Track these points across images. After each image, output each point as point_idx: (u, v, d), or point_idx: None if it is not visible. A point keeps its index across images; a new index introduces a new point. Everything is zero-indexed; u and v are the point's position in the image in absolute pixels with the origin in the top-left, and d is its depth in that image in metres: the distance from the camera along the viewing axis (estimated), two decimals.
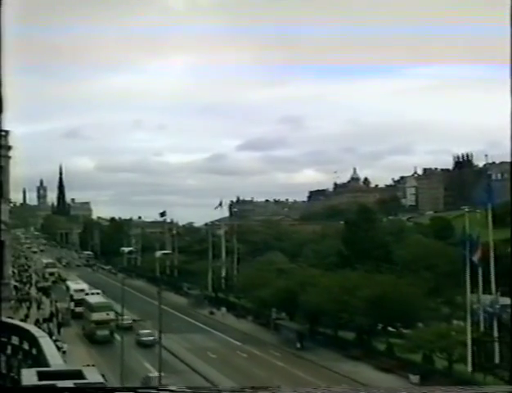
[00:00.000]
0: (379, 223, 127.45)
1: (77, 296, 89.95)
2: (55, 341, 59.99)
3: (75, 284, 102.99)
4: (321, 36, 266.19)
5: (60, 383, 7.69)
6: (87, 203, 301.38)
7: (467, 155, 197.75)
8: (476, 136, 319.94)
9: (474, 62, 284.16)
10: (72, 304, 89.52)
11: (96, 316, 74.78)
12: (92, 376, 8.80)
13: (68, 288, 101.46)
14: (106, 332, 73.27)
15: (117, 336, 70.26)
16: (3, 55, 3.68)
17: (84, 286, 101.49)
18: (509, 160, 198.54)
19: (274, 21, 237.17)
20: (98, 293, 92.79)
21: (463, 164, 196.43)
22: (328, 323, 73.91)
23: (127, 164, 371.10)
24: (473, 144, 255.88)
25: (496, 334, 54.01)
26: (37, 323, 67.99)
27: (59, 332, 74.48)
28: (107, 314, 75.38)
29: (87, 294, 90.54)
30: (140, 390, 4.11)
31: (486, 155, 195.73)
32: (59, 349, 52.17)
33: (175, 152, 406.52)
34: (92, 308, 76.94)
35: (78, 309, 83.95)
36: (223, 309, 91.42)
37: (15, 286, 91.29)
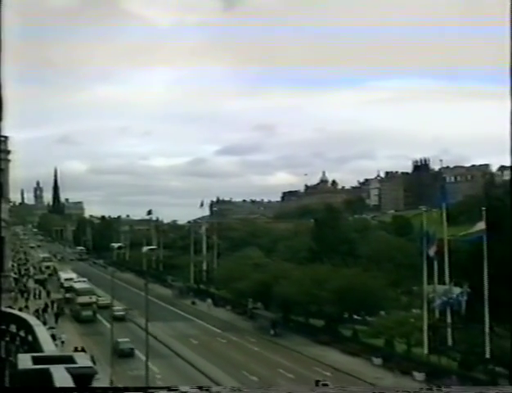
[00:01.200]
0: (345, 221, 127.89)
1: (66, 284, 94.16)
2: (50, 329, 60.03)
3: (65, 274, 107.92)
4: (294, 51, 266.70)
5: (53, 367, 7.70)
6: (80, 203, 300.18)
7: (424, 160, 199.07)
8: (430, 143, 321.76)
9: (430, 76, 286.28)
10: (63, 290, 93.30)
11: (80, 299, 79.95)
12: (82, 361, 8.81)
13: (59, 278, 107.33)
14: (90, 313, 78.19)
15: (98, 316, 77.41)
16: (3, 59, 3.59)
17: (73, 275, 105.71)
18: (461, 164, 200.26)
19: (251, 37, 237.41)
20: (84, 281, 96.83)
21: (421, 168, 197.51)
22: (299, 312, 74.04)
23: (115, 167, 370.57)
24: (428, 150, 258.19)
25: (449, 320, 54.35)
26: (36, 313, 68.37)
27: (56, 321, 74.02)
28: (90, 298, 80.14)
29: (74, 282, 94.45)
30: (150, 390, 4.11)
31: (440, 160, 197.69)
32: (57, 339, 52.01)
33: (159, 156, 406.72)
34: (78, 292, 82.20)
35: (68, 295, 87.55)
36: (209, 301, 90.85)
37: (15, 279, 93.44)
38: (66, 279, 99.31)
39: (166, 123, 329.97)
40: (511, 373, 29.07)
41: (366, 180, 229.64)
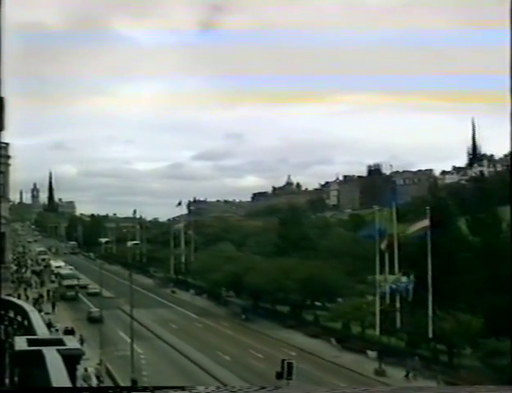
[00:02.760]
0: (308, 219, 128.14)
1: (56, 271, 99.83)
2: (46, 314, 59.66)
3: (55, 262, 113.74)
4: (264, 66, 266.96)
5: (45, 349, 7.68)
6: (72, 202, 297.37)
7: (377, 166, 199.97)
8: (381, 150, 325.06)
9: (382, 90, 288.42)
10: (53, 276, 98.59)
11: (66, 282, 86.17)
12: (71, 343, 8.79)
13: (50, 265, 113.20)
14: (73, 293, 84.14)
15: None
16: (3, 62, 3.46)
17: (61, 263, 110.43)
18: (408, 169, 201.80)
19: (224, 55, 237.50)
20: (71, 269, 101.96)
21: (374, 172, 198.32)
22: (267, 299, 74.12)
23: (103, 171, 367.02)
24: (380, 156, 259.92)
25: (398, 305, 54.72)
26: (37, 301, 69.04)
27: (53, 309, 72.85)
28: (73, 281, 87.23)
29: (62, 269, 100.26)
30: (158, 391, 4.03)
31: (391, 166, 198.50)
32: (52, 326, 51.55)
33: (142, 161, 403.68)
34: (63, 277, 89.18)
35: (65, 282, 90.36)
36: (192, 291, 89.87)
37: (17, 270, 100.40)
38: (56, 267, 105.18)
39: (148, 131, 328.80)
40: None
41: (327, 183, 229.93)
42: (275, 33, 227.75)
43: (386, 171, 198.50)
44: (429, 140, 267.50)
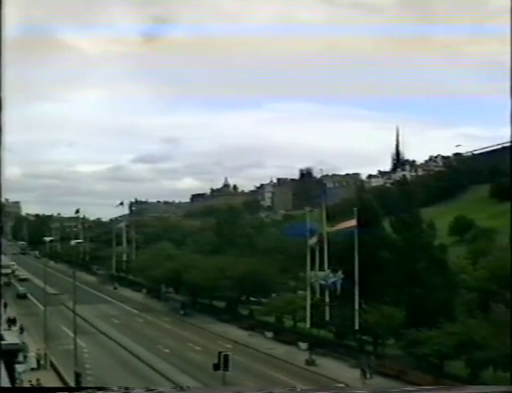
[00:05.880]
0: (244, 219, 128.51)
1: None
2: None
3: None
4: (201, 76, 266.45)
5: None
6: (18, 202, 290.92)
7: (308, 169, 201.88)
8: (310, 155, 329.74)
9: (311, 100, 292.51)
10: None
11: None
12: (11, 338, 8.89)
13: None
14: (6, 280, 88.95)
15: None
16: (3, 60, 3.39)
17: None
18: (337, 173, 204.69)
19: (166, 65, 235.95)
20: (14, 264, 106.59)
21: (305, 175, 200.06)
22: (205, 295, 74.23)
23: (47, 173, 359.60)
24: (308, 161, 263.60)
25: (327, 300, 55.51)
26: None
27: (5, 309, 71.03)
28: (6, 269, 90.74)
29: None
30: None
31: (321, 169, 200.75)
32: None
33: (85, 163, 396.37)
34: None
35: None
36: (147, 292, 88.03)
37: None
38: None
39: (90, 135, 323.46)
40: None
41: (262, 185, 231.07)
42: (213, 44, 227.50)
43: (317, 174, 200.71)
44: (356, 146, 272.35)
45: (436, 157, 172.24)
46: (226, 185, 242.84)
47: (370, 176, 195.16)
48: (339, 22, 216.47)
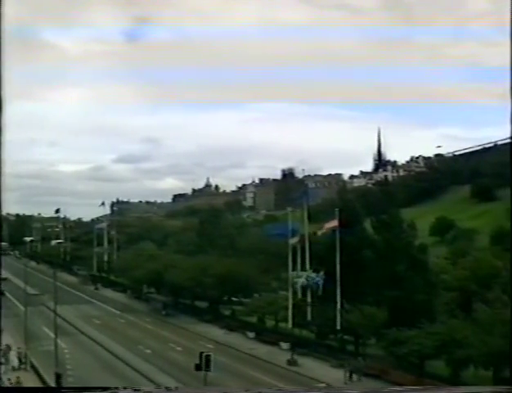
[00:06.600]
0: (225, 219, 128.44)
1: None
2: None
3: None
4: (182, 76, 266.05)
5: None
6: None
7: (290, 170, 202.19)
8: (291, 155, 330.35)
9: (293, 101, 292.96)
10: None
11: None
12: None
13: None
14: None
15: None
16: (3, 59, 3.40)
17: None
18: (319, 173, 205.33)
19: (147, 65, 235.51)
20: None
21: (287, 176, 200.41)
22: (187, 295, 74.11)
23: (28, 172, 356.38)
24: (289, 161, 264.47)
25: (309, 300, 55.65)
26: None
27: None
28: None
29: None
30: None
31: (303, 170, 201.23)
32: None
33: (66, 163, 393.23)
34: None
35: None
36: (129, 292, 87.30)
37: None
38: None
39: (71, 135, 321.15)
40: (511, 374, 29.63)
41: (244, 185, 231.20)
42: (195, 45, 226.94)
43: (299, 175, 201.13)
44: (338, 146, 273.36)
45: (417, 158, 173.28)
46: (207, 185, 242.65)
47: (352, 176, 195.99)
48: (321, 23, 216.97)
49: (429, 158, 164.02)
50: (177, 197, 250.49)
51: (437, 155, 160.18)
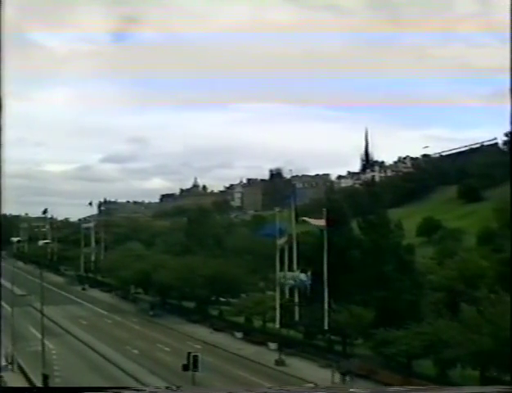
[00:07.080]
0: (213, 219, 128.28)
1: None
2: None
3: None
4: (170, 76, 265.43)
5: None
6: None
7: (278, 170, 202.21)
8: (278, 155, 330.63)
9: (279, 101, 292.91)
10: None
11: None
12: None
13: None
14: None
15: None
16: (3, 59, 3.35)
17: None
18: (307, 173, 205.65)
19: (135, 64, 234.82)
20: None
21: (275, 176, 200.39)
22: (174, 296, 73.88)
23: (15, 172, 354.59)
24: (277, 162, 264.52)
25: (296, 300, 55.67)
26: None
27: None
28: None
29: None
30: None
31: (291, 170, 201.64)
32: None
33: (53, 163, 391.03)
34: None
35: None
36: (116, 292, 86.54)
37: None
38: None
39: (58, 134, 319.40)
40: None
41: (231, 185, 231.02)
42: (183, 45, 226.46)
43: (286, 175, 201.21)
44: (325, 147, 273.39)
45: (404, 158, 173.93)
46: (195, 185, 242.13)
47: (339, 177, 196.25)
48: (309, 24, 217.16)
49: (416, 159, 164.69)
50: (164, 197, 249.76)
51: (424, 156, 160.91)
